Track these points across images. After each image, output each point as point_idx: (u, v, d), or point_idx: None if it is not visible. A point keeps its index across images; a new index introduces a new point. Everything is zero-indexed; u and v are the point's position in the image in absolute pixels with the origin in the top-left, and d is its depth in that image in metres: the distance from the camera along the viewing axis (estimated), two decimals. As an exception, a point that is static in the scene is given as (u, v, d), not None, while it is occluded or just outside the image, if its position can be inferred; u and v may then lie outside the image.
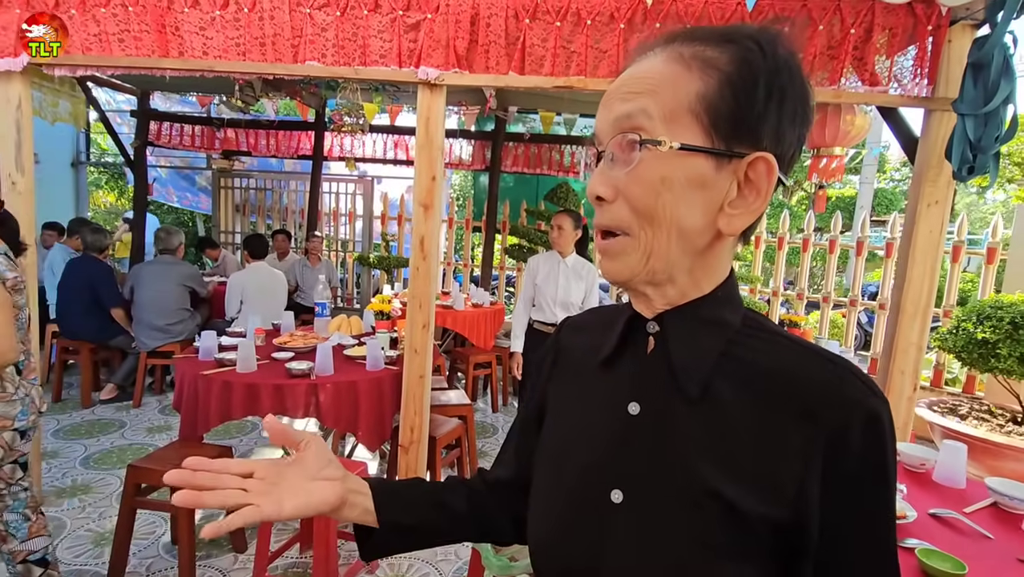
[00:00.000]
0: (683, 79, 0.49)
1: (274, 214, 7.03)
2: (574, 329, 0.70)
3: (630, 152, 0.50)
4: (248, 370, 2.47)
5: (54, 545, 2.07)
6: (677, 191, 0.49)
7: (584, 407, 0.60)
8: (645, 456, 0.53)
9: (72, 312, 4.01)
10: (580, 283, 3.12)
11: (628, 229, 0.51)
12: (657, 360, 0.55)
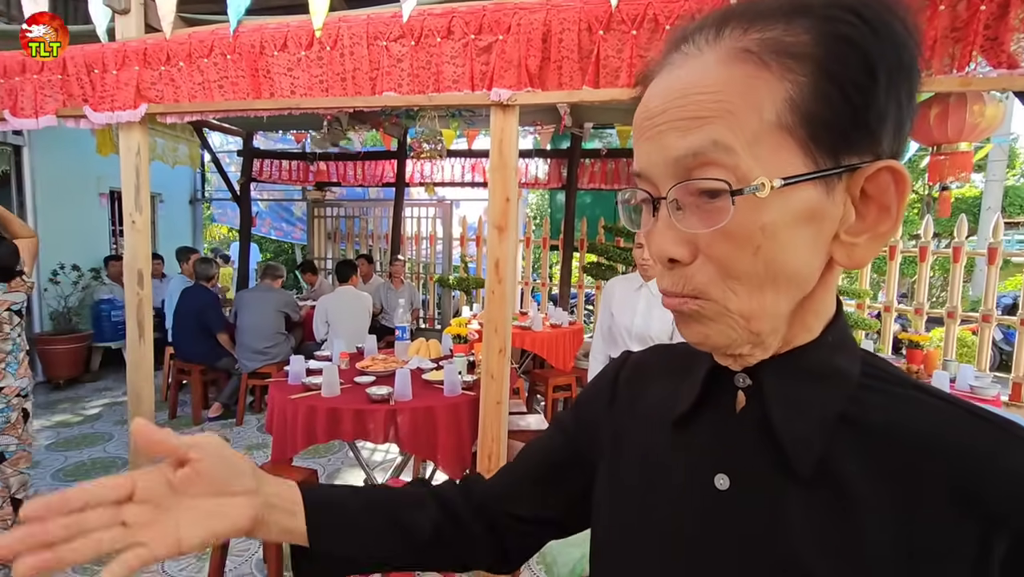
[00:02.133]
0: (761, 84, 0.36)
1: (361, 240, 7.38)
2: (638, 369, 0.59)
3: (709, 201, 0.38)
4: (332, 394, 2.53)
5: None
6: (782, 238, 0.37)
7: (654, 472, 0.49)
8: (737, 544, 0.41)
9: (185, 336, 4.38)
10: (664, 313, 2.73)
11: (714, 296, 0.39)
12: (749, 422, 0.43)
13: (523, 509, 0.61)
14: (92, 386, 5.30)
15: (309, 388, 2.61)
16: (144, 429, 0.42)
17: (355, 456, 2.79)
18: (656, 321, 2.47)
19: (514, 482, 0.63)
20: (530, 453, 0.65)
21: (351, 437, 2.43)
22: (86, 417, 4.45)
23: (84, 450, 3.76)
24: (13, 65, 2.78)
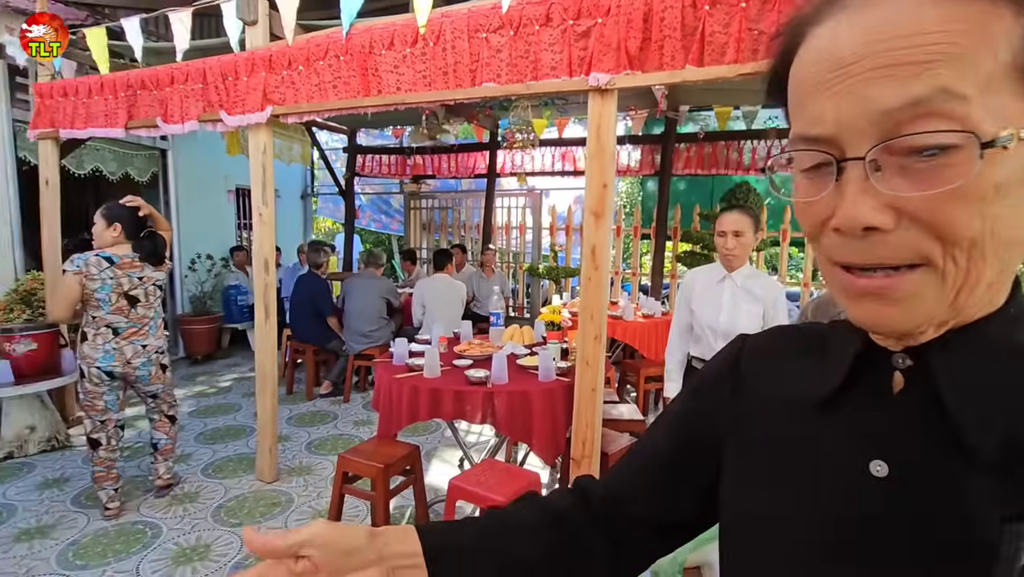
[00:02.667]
0: (995, 21, 0.32)
1: (454, 230, 7.63)
2: (761, 352, 0.55)
3: (925, 159, 0.34)
4: (433, 376, 2.66)
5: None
6: (1013, 197, 0.34)
7: (791, 459, 0.46)
8: (908, 532, 0.38)
9: (300, 320, 4.79)
10: (753, 306, 2.22)
11: (935, 262, 0.35)
12: (911, 405, 0.40)
13: (644, 512, 0.58)
14: (223, 362, 5.97)
15: (412, 369, 2.76)
16: (254, 538, 0.43)
17: (453, 436, 2.92)
18: (744, 316, 2.22)
19: (632, 483, 0.60)
20: (644, 451, 0.61)
21: (450, 417, 2.55)
22: (220, 389, 5.02)
23: (219, 418, 4.26)
24: (163, 77, 3.16)
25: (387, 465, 2.41)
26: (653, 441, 0.61)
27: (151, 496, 3.00)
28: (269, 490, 3.12)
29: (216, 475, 3.30)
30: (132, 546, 2.55)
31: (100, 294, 2.64)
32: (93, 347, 2.66)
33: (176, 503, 2.95)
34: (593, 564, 0.57)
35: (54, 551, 2.50)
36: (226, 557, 2.49)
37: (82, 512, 2.83)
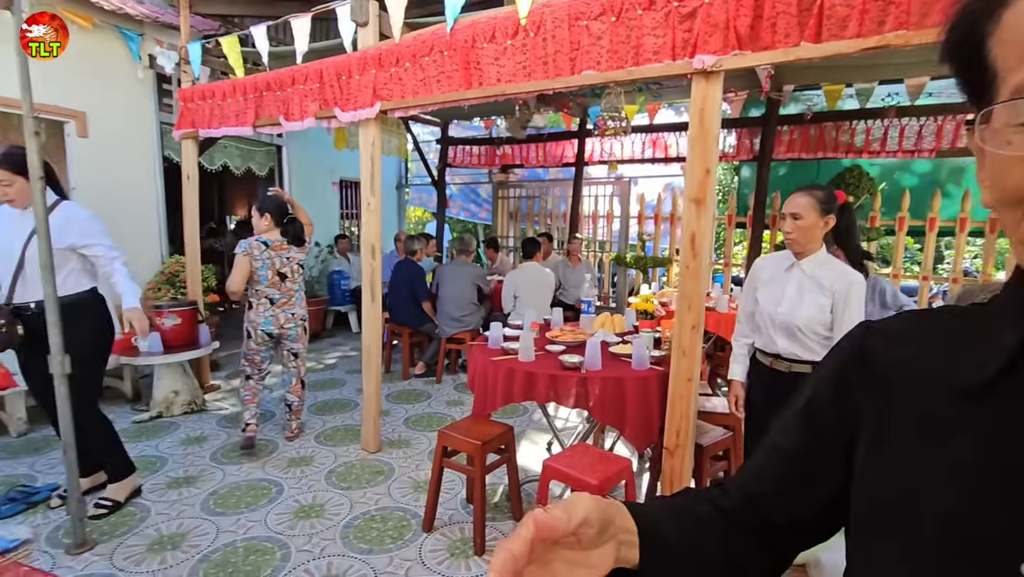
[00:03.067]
0: None
1: (540, 219, 7.70)
2: (891, 339, 0.52)
3: None
4: (528, 359, 2.74)
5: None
6: None
7: (947, 448, 0.44)
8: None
9: (397, 304, 5.09)
10: (820, 297, 2.01)
11: None
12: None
13: (775, 512, 0.57)
14: (328, 341, 6.48)
15: (507, 352, 2.86)
16: (543, 521, 0.41)
17: (545, 419, 3.00)
18: (807, 308, 2.01)
19: (762, 483, 0.58)
20: (771, 449, 0.59)
21: (544, 400, 2.62)
22: (326, 366, 5.47)
23: (327, 392, 4.64)
24: (285, 79, 3.46)
25: (484, 442, 2.52)
26: (780, 438, 0.59)
27: (274, 457, 3.36)
28: (373, 459, 3.38)
29: (327, 443, 3.62)
30: (260, 499, 2.88)
31: (260, 271, 3.28)
32: (257, 314, 3.33)
33: (294, 466, 3.27)
34: (750, 565, 0.56)
35: (198, 498, 2.87)
36: (338, 516, 2.74)
37: (219, 467, 3.23)
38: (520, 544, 0.41)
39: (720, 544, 0.55)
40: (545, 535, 0.41)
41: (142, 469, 3.16)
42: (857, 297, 1.99)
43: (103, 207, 4.38)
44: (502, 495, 3.00)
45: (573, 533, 0.43)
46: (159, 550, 2.43)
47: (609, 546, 0.46)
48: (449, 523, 2.73)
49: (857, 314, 1.98)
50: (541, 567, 0.43)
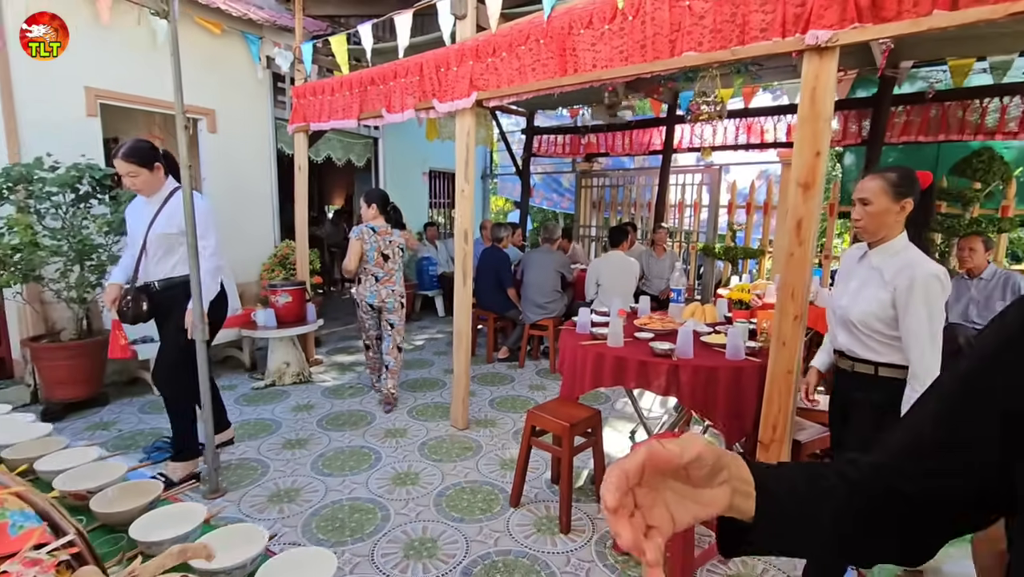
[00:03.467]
0: None
1: (624, 208, 7.59)
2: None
3: None
4: (617, 345, 2.75)
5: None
6: None
7: None
8: None
9: (484, 289, 5.25)
10: (880, 292, 1.77)
11: None
12: None
13: (916, 488, 0.54)
14: (416, 324, 6.81)
15: (595, 337, 2.89)
16: (658, 452, 0.44)
17: (632, 405, 3.00)
18: (864, 302, 1.79)
19: (907, 456, 0.55)
20: (926, 420, 0.56)
21: (633, 385, 2.63)
22: (415, 347, 5.76)
23: (417, 371, 4.90)
24: (388, 73, 3.66)
25: (572, 424, 2.57)
26: (934, 408, 0.56)
27: (372, 427, 3.62)
28: (462, 436, 3.54)
29: (419, 417, 3.83)
30: (362, 464, 3.12)
31: (368, 253, 3.78)
32: (364, 288, 3.85)
33: (390, 436, 3.50)
34: (869, 543, 0.55)
35: (308, 459, 3.16)
36: (431, 485, 2.91)
37: (325, 433, 3.53)
38: (633, 464, 0.44)
39: (837, 514, 0.54)
40: (657, 464, 0.44)
41: (260, 430, 3.52)
42: (922, 293, 1.68)
43: (228, 196, 4.87)
44: (587, 478, 3.04)
45: (684, 468, 0.45)
46: (277, 501, 2.72)
47: (722, 490, 0.48)
48: (535, 500, 2.81)
49: (924, 313, 1.68)
50: (651, 491, 0.46)
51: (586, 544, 2.45)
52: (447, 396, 4.24)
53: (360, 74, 3.86)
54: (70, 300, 3.47)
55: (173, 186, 2.69)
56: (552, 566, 2.29)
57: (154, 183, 2.61)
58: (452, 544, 2.42)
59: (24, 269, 3.16)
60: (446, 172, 8.31)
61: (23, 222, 3.10)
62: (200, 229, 2.52)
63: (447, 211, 8.59)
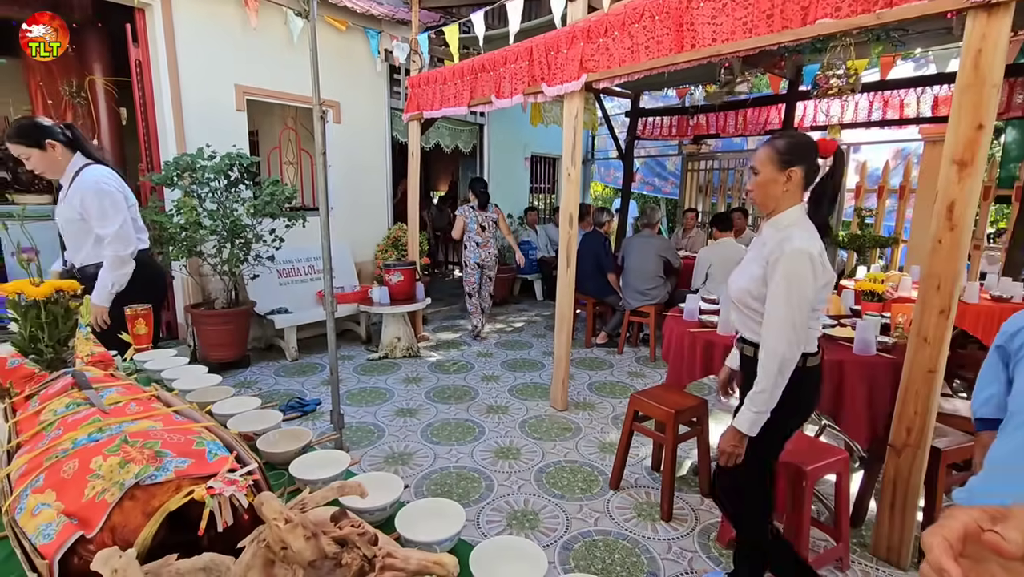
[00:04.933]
0: None
1: (734, 192, 7.16)
2: None
3: None
4: (728, 333, 2.64)
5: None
6: None
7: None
8: None
9: (583, 274, 5.23)
10: (755, 267, 1.61)
11: None
12: None
13: None
14: (515, 307, 6.97)
15: (704, 325, 2.79)
16: (992, 541, 0.38)
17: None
18: (742, 278, 1.66)
19: None
20: None
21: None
22: (514, 328, 5.90)
23: (517, 351, 5.03)
24: (498, 59, 3.73)
25: (678, 411, 2.52)
26: None
27: (475, 403, 3.79)
28: (561, 417, 3.60)
29: (519, 396, 3.95)
30: (467, 436, 3.28)
31: (470, 225, 4.99)
32: (469, 251, 5.08)
33: (492, 412, 3.65)
34: None
35: (418, 427, 3.39)
36: (532, 461, 3.00)
37: (433, 404, 3.75)
38: (954, 534, 0.39)
39: None
40: (988, 548, 0.39)
41: (375, 398, 3.82)
42: (786, 267, 1.49)
43: (349, 181, 5.27)
44: (690, 469, 2.98)
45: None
46: (392, 463, 2.95)
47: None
48: (635, 485, 2.81)
49: (783, 289, 1.49)
50: (975, 563, 0.40)
51: (688, 533, 2.41)
52: (546, 377, 4.32)
53: (471, 61, 3.97)
54: (223, 273, 3.98)
55: (79, 165, 2.31)
56: (653, 551, 2.29)
57: (53, 163, 2.27)
58: (553, 519, 2.49)
59: (189, 245, 3.67)
60: (547, 157, 8.33)
61: (189, 204, 3.60)
62: (96, 215, 2.24)
63: (547, 196, 8.63)
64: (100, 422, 1.04)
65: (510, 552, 0.97)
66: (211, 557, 0.73)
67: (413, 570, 0.83)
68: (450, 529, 1.05)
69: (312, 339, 5.01)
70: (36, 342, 1.39)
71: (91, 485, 0.87)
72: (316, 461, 1.27)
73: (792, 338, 1.51)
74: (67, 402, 1.15)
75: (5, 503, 0.91)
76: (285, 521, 0.80)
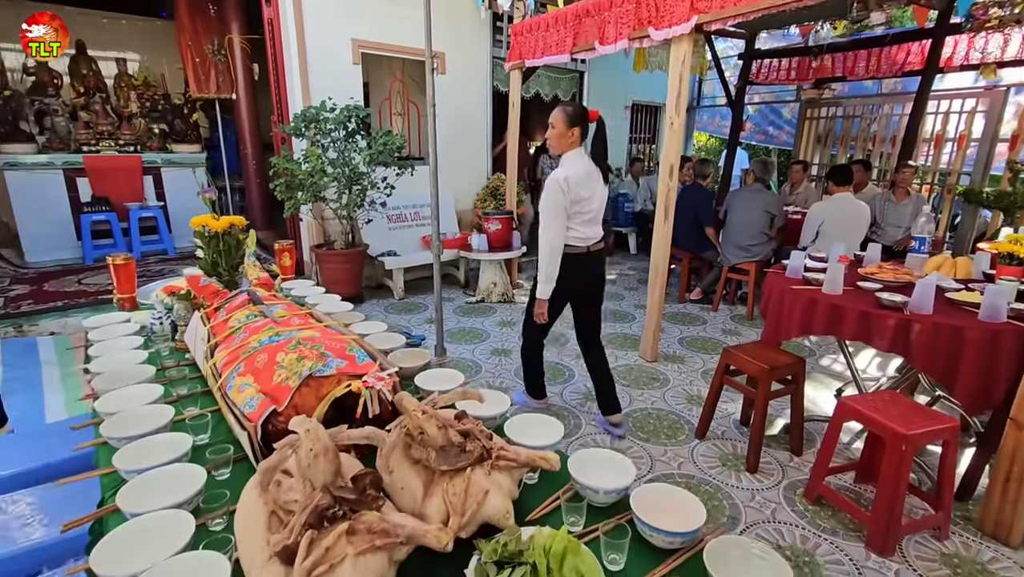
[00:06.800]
0: None
1: (858, 143, 6.50)
2: None
3: None
4: (833, 292, 2.54)
5: (671, 388, 2.90)
6: None
7: None
8: None
9: (680, 227, 5.10)
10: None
11: None
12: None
13: None
14: (609, 259, 6.91)
15: (809, 283, 2.70)
16: None
17: (845, 359, 2.78)
18: None
19: None
20: None
21: (850, 337, 2.42)
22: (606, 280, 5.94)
23: (608, 302, 5.10)
24: (604, 3, 3.64)
25: (772, 368, 2.51)
26: None
27: (565, 348, 3.95)
28: (650, 367, 3.67)
29: (608, 345, 4.04)
30: (558, 377, 3.47)
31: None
32: None
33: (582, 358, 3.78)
34: None
35: (512, 367, 3.63)
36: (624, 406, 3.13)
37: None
38: None
39: None
40: None
41: (473, 337, 4.11)
42: (544, 194, 2.43)
43: (451, 131, 5.47)
44: (781, 428, 2.96)
45: None
46: (488, 396, 3.21)
47: None
48: (721, 437, 2.85)
49: (543, 201, 2.42)
50: None
51: (774, 487, 2.44)
52: (636, 329, 4.38)
53: (575, 6, 3.90)
54: (342, 217, 4.39)
55: None
56: (735, 498, 2.36)
57: None
58: (637, 459, 2.63)
59: (314, 191, 4.08)
60: (648, 105, 7.99)
61: (315, 153, 3.98)
62: None
63: (647, 147, 8.33)
64: (274, 329, 1.30)
65: (603, 462, 1.12)
66: (372, 429, 0.94)
67: (523, 461, 1.01)
68: (551, 438, 1.22)
69: (415, 281, 5.41)
70: (216, 266, 1.71)
71: (278, 373, 1.12)
72: (435, 376, 1.48)
73: (546, 233, 2.43)
74: (247, 313, 1.44)
75: (217, 382, 1.20)
76: (422, 413, 1.00)
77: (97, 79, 5.92)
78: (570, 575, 0.79)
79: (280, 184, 4.12)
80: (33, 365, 3.31)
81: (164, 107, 6.12)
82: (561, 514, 1.01)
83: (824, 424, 2.91)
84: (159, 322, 1.67)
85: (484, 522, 0.92)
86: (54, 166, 5.25)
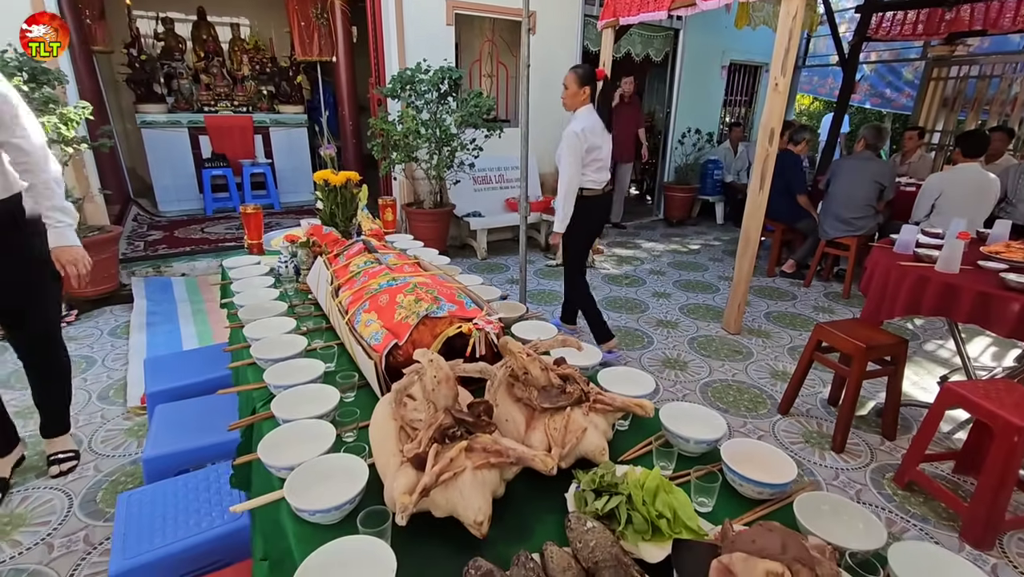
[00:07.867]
0: None
1: (993, 107, 5.77)
2: None
3: None
4: (948, 270, 2.36)
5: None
6: None
7: None
8: None
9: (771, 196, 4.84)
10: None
11: None
12: None
13: None
14: (693, 228, 6.75)
15: (920, 259, 2.52)
16: None
17: (956, 345, 2.60)
18: None
19: None
20: None
21: (964, 319, 2.26)
22: (689, 250, 5.79)
23: (690, 273, 4.99)
24: (710, -45, 3.43)
25: (870, 346, 2.39)
26: None
27: (646, 315, 3.95)
28: (732, 340, 3.60)
29: (689, 315, 4.00)
30: (636, 344, 3.49)
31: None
32: None
33: (662, 326, 3.78)
34: None
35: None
36: (699, 376, 3.12)
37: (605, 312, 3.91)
38: None
39: None
40: None
41: (552, 299, 4.19)
42: (562, 144, 2.76)
43: (541, 91, 5.43)
44: (872, 410, 2.83)
45: None
46: (567, 356, 3.30)
47: None
48: (806, 415, 2.78)
49: (561, 149, 2.77)
50: None
51: (861, 468, 2.38)
52: (719, 301, 4.27)
53: (677, -41, 3.71)
54: (432, 177, 4.56)
55: None
56: (817, 475, 2.32)
57: None
58: (715, 426, 2.63)
59: (408, 151, 4.26)
60: (746, 65, 7.46)
61: (410, 114, 4.13)
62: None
63: (742, 110, 7.84)
64: (390, 275, 1.43)
65: (693, 415, 1.17)
66: (484, 365, 1.04)
67: (618, 406, 1.08)
68: (642, 390, 1.29)
69: (497, 242, 5.54)
70: (334, 217, 1.89)
71: (398, 312, 1.25)
72: (531, 327, 1.58)
73: (564, 180, 2.77)
74: (365, 260, 1.59)
75: (345, 317, 1.36)
76: (527, 355, 1.09)
77: (215, 44, 6.41)
78: (663, 508, 0.86)
79: (376, 144, 4.33)
80: (169, 301, 3.79)
81: (272, 70, 6.54)
82: (652, 459, 1.08)
83: (922, 410, 2.76)
84: (284, 266, 1.89)
85: (581, 456, 1.01)
86: (181, 125, 5.82)
